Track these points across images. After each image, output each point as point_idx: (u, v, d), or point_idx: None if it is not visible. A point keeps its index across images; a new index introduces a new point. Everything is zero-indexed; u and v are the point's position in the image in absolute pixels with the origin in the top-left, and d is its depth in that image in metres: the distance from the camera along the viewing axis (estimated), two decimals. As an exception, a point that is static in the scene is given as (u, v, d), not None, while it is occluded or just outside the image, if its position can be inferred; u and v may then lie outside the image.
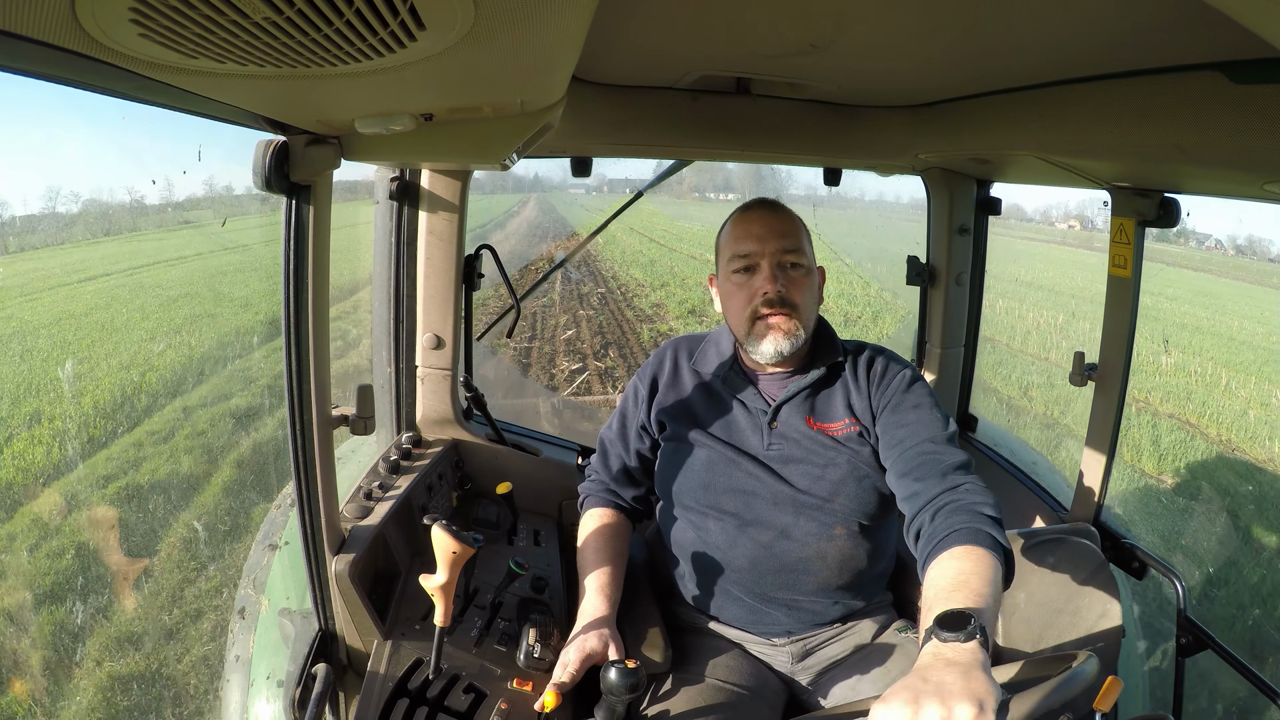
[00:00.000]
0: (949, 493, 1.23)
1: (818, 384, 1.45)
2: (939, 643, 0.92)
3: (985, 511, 1.18)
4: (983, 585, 1.04)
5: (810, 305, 1.41)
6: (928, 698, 0.83)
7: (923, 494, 1.26)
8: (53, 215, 40.18)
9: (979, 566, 1.08)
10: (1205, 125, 1.01)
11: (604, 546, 1.48)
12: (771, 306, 1.37)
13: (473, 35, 0.61)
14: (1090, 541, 1.66)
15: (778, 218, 1.42)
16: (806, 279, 1.41)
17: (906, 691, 0.85)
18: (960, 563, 1.09)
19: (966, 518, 1.17)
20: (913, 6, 0.96)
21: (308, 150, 1.00)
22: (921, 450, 1.32)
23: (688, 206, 73.49)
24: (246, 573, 1.88)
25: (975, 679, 0.85)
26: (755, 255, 1.39)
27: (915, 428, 1.35)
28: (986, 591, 1.03)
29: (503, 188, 62.79)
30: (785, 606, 1.42)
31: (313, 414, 1.14)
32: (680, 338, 1.62)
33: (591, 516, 1.57)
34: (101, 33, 0.51)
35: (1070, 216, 64.61)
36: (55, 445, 7.70)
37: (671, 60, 1.38)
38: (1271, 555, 6.51)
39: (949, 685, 0.84)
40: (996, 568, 1.09)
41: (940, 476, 1.26)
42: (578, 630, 1.31)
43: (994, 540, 1.13)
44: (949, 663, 0.88)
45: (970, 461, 1.31)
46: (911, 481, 1.29)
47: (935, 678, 0.86)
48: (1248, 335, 18.39)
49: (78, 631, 4.66)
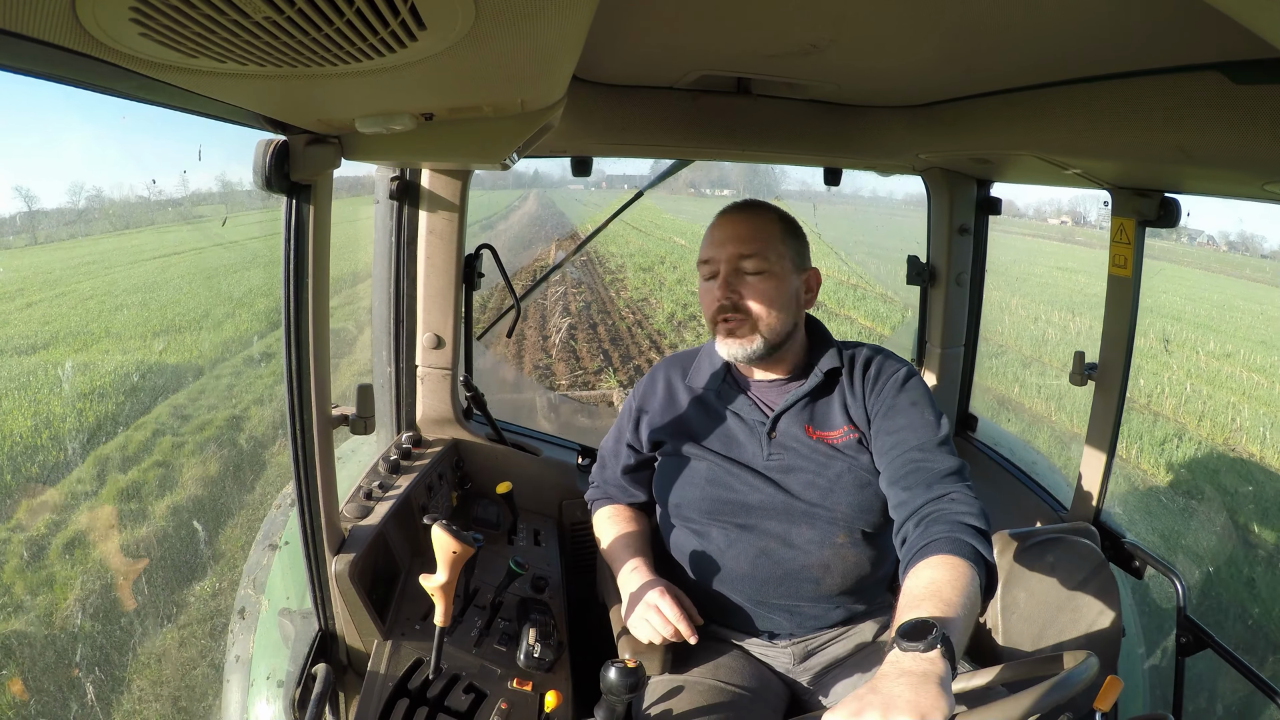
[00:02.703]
0: (933, 502, 1.23)
1: (815, 391, 1.44)
2: (899, 652, 0.92)
3: (968, 521, 1.18)
4: (954, 595, 1.03)
5: (773, 312, 1.38)
6: (871, 708, 0.84)
7: (909, 503, 1.26)
8: (89, 208, 42.93)
9: (952, 575, 1.07)
10: (1205, 125, 1.01)
11: (624, 532, 1.52)
12: (724, 313, 1.38)
13: (473, 35, 0.60)
14: (1090, 541, 1.66)
15: (744, 223, 1.40)
16: (765, 284, 1.37)
17: (855, 701, 0.86)
18: (934, 572, 1.09)
19: (946, 528, 1.16)
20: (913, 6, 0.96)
21: (308, 150, 1.00)
22: (910, 458, 1.31)
23: (683, 202, 73.99)
24: (246, 573, 1.88)
25: (925, 691, 0.84)
26: (715, 261, 1.40)
27: (905, 434, 1.34)
28: (958, 601, 1.02)
29: (502, 184, 64.17)
30: (786, 612, 1.42)
31: (313, 414, 1.14)
32: (673, 356, 1.62)
33: (603, 514, 1.61)
34: (102, 32, 0.51)
35: (1063, 213, 64.87)
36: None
37: (672, 60, 1.38)
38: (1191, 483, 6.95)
39: (896, 697, 0.84)
40: (973, 578, 1.08)
41: (926, 486, 1.26)
42: (640, 598, 1.34)
43: (973, 550, 1.13)
44: (903, 673, 0.88)
45: (963, 467, 1.30)
46: (900, 490, 1.29)
47: (885, 688, 0.86)
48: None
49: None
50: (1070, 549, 1.61)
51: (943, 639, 0.91)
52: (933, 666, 0.88)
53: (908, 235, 2.44)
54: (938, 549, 1.12)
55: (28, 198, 59.99)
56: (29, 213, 46.98)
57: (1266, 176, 1.16)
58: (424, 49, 0.62)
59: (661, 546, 1.55)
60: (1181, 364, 14.20)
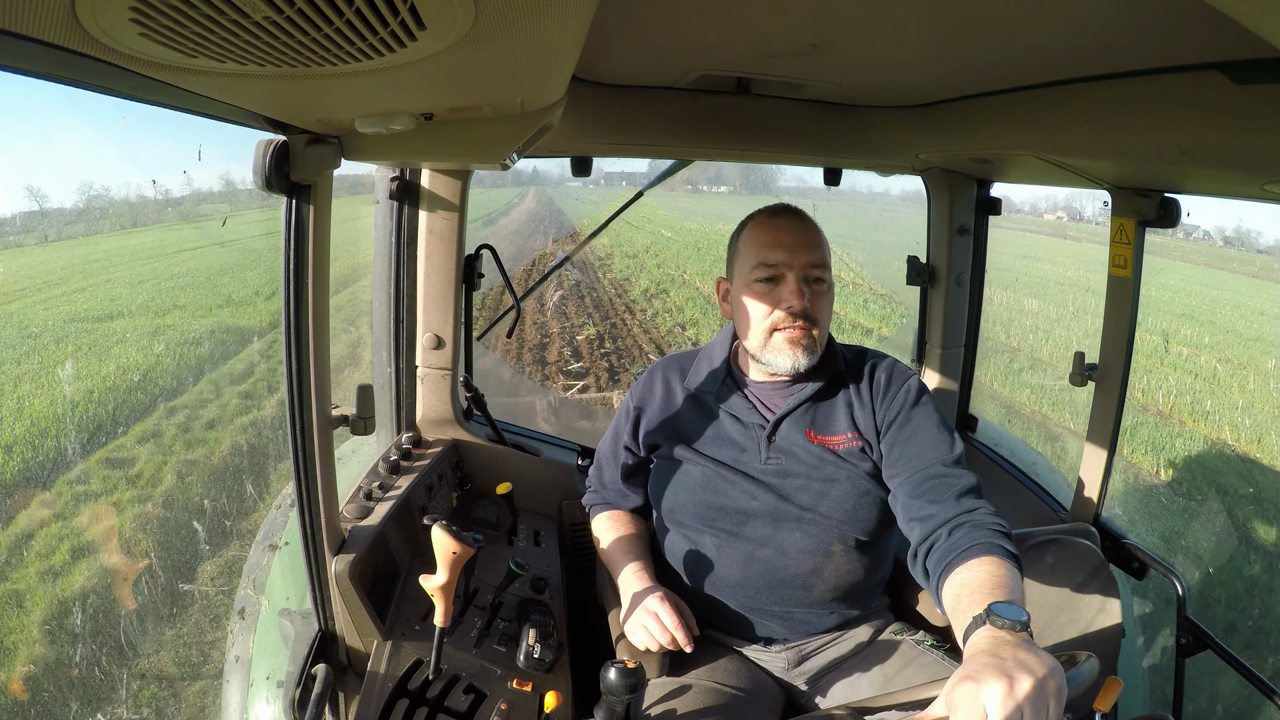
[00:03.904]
0: (965, 514, 1.23)
1: (818, 395, 1.42)
2: (995, 629, 0.92)
3: (1005, 531, 1.20)
4: (1017, 590, 1.06)
5: (826, 325, 1.39)
6: (991, 672, 0.83)
7: (938, 515, 1.25)
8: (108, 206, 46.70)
9: (1010, 576, 1.09)
10: (1205, 125, 1.00)
11: (623, 536, 1.52)
12: (795, 320, 1.35)
13: (473, 35, 0.60)
14: (1090, 541, 1.66)
15: (806, 228, 1.38)
16: (829, 295, 1.39)
17: (989, 670, 0.83)
18: (993, 569, 1.10)
19: (988, 534, 1.17)
20: (913, 6, 0.96)
21: (308, 150, 1.00)
22: (933, 473, 1.30)
23: (678, 198, 74.39)
24: (246, 573, 1.88)
25: (1036, 656, 0.86)
26: (783, 266, 1.34)
27: (925, 448, 1.34)
28: (1019, 596, 1.05)
29: (502, 183, 65.37)
30: (779, 618, 1.41)
31: (313, 414, 1.14)
32: (671, 357, 1.60)
33: (601, 519, 1.60)
34: (101, 32, 0.51)
35: (1058, 208, 65.26)
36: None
37: (671, 60, 1.38)
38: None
39: (1027, 662, 0.84)
40: (1021, 582, 1.11)
41: (955, 499, 1.26)
42: (639, 603, 1.34)
43: (1015, 559, 1.15)
44: (1016, 644, 0.89)
45: (979, 484, 1.30)
46: (925, 504, 1.27)
47: (1009, 655, 0.86)
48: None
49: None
50: (1070, 549, 1.61)
51: (1027, 625, 0.93)
52: (1026, 643, 0.90)
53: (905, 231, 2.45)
54: (986, 551, 1.13)
55: (89, 194, 63.61)
56: (84, 208, 51.24)
57: (1266, 176, 1.16)
58: (424, 49, 0.62)
59: (658, 550, 1.55)
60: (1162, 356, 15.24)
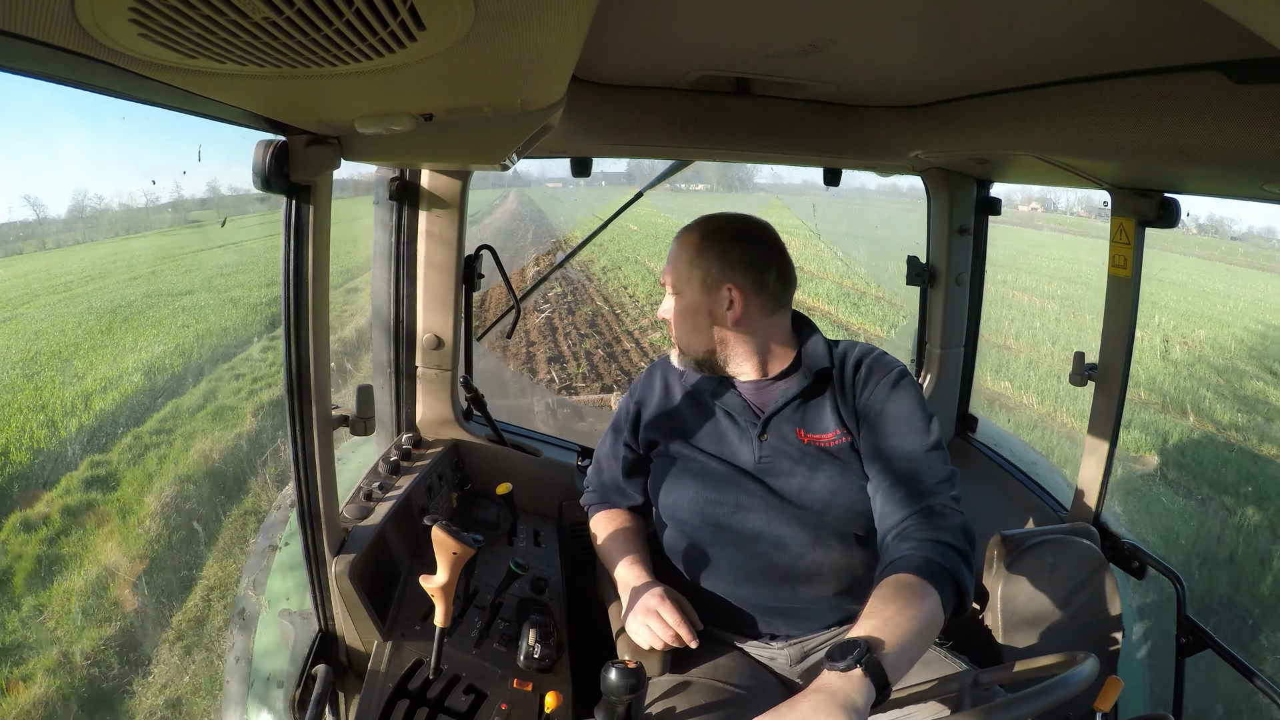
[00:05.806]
0: (913, 517, 1.23)
1: (807, 392, 1.42)
2: (825, 670, 0.96)
3: (943, 539, 1.18)
4: (899, 615, 1.05)
5: (684, 331, 1.44)
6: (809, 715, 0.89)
7: (889, 516, 1.26)
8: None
9: (905, 596, 1.09)
10: (1205, 125, 1.00)
11: (621, 532, 1.53)
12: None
13: (473, 35, 0.60)
14: (1090, 541, 1.66)
15: (679, 247, 1.45)
16: (678, 306, 1.44)
17: (773, 714, 0.91)
18: (886, 591, 1.10)
19: (914, 545, 1.18)
20: (912, 6, 0.96)
21: (308, 150, 1.00)
22: (898, 469, 1.30)
23: (657, 196, 74.74)
24: (246, 573, 1.88)
25: (825, 711, 0.89)
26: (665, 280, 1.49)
27: (894, 441, 1.33)
28: (901, 622, 1.04)
29: (482, 183, 66.55)
30: (781, 614, 1.41)
31: (313, 414, 1.14)
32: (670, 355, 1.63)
33: (599, 518, 1.60)
34: (101, 32, 0.51)
35: (1032, 199, 65.99)
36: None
37: (671, 60, 1.38)
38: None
39: (800, 714, 0.90)
40: (931, 599, 1.09)
41: (912, 499, 1.26)
42: (639, 599, 1.35)
43: (939, 568, 1.13)
44: (819, 689, 0.93)
45: (953, 475, 1.29)
46: (882, 502, 1.29)
47: (801, 704, 0.91)
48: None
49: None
50: (1070, 549, 1.61)
51: (866, 659, 0.94)
52: (847, 685, 0.92)
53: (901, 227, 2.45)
54: (902, 567, 1.14)
55: (151, 197, 67.63)
56: (130, 210, 55.65)
57: (1266, 176, 1.16)
58: (423, 49, 0.62)
59: (659, 548, 1.55)
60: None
